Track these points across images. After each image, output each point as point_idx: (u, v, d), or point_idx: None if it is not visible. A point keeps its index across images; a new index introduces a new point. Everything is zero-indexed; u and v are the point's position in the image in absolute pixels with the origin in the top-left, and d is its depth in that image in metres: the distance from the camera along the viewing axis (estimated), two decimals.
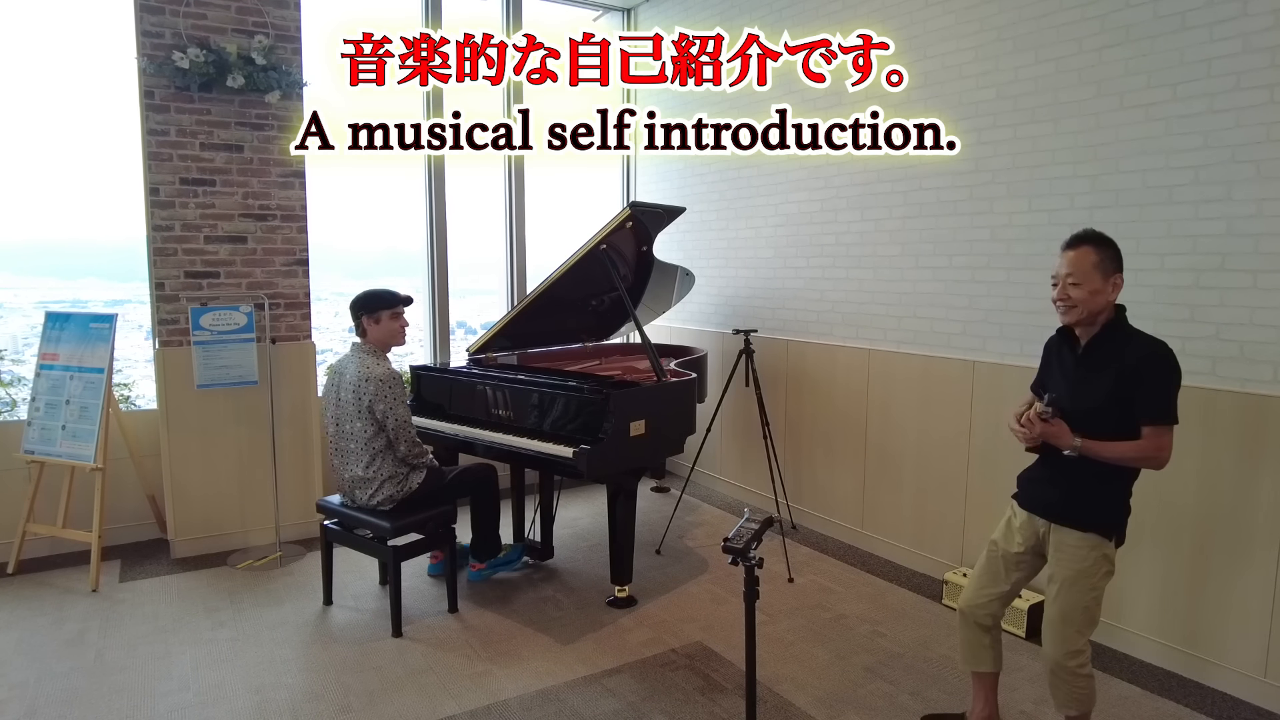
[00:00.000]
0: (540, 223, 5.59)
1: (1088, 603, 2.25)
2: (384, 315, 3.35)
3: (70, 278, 5.09)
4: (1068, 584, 2.26)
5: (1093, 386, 2.21)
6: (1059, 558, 2.29)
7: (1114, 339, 2.22)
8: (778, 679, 2.98)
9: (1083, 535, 2.24)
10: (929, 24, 3.76)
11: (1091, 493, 2.24)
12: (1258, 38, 2.69)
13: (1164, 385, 2.14)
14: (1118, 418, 2.17)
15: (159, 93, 3.94)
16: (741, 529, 2.13)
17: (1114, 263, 2.21)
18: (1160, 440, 2.14)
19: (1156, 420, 2.13)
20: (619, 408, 3.37)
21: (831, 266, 4.40)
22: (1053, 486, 2.31)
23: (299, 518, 4.43)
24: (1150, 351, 2.16)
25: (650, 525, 4.59)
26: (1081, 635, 2.26)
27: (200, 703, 2.81)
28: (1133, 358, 2.15)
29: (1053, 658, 2.28)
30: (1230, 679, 2.87)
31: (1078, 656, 2.26)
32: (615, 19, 5.83)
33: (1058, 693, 2.32)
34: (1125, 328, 2.24)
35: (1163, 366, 2.15)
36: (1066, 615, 2.26)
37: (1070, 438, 2.19)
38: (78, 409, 3.92)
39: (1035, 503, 2.37)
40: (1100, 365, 2.21)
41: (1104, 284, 2.19)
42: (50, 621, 3.44)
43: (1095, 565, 2.24)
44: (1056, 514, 2.30)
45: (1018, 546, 2.41)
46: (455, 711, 2.76)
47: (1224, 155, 2.80)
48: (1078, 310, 2.21)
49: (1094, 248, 2.20)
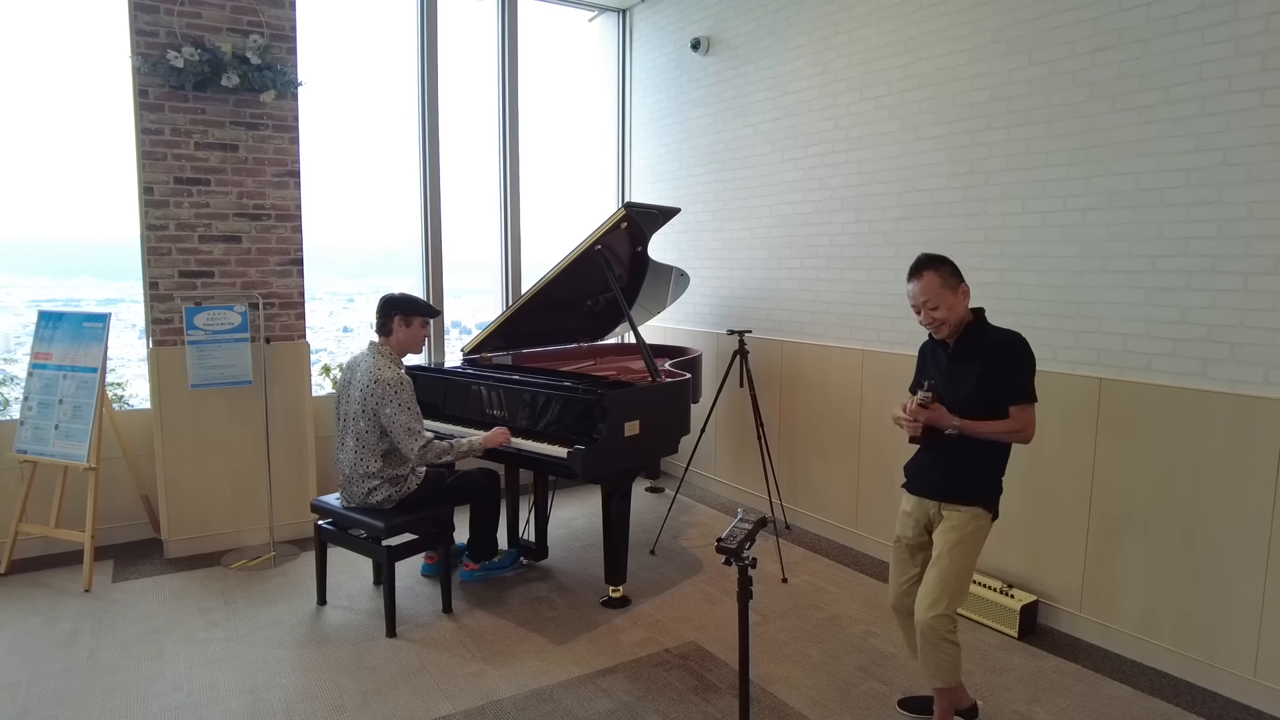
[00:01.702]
0: (535, 223, 5.59)
1: (962, 569, 2.45)
2: (416, 321, 3.43)
3: (64, 276, 5.06)
4: (947, 551, 2.46)
5: (964, 377, 2.48)
6: (943, 528, 2.51)
7: (976, 336, 2.50)
8: (771, 679, 2.99)
9: (968, 509, 2.48)
10: (924, 25, 3.77)
11: (972, 471, 2.49)
12: (1249, 41, 2.71)
13: (1022, 369, 2.43)
14: (986, 401, 2.44)
15: (153, 91, 3.93)
16: (735, 529, 2.13)
17: (955, 276, 2.48)
18: (1025, 417, 2.41)
19: (1019, 400, 2.42)
20: (614, 408, 3.38)
21: (826, 267, 4.41)
22: (937, 470, 2.55)
23: (293, 517, 4.42)
24: (1007, 342, 2.46)
25: (645, 525, 4.60)
26: (954, 602, 2.44)
27: (194, 703, 2.81)
28: (994, 349, 2.45)
29: (923, 620, 2.44)
30: (1221, 678, 2.89)
31: (947, 620, 2.43)
32: (610, 20, 5.84)
33: (926, 659, 2.47)
34: (984, 325, 2.53)
35: (1019, 353, 2.44)
36: (944, 580, 2.44)
37: (950, 418, 2.45)
38: (71, 408, 3.91)
39: (924, 486, 2.60)
40: (968, 359, 2.49)
41: (955, 297, 2.47)
42: (43, 622, 3.43)
43: (974, 534, 2.47)
44: (943, 493, 2.54)
45: (913, 531, 2.63)
46: (449, 711, 2.76)
47: (1215, 158, 2.81)
48: (946, 326, 2.50)
49: (933, 271, 2.47)
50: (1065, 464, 3.30)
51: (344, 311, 5.81)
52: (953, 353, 2.53)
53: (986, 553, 3.37)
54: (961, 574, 2.45)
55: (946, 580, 2.44)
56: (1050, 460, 3.33)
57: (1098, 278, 3.17)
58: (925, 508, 2.60)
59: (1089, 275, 3.19)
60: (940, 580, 2.44)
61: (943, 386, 2.52)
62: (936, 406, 2.46)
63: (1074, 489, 3.28)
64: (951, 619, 2.43)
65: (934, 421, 2.47)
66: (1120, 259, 3.10)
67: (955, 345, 2.52)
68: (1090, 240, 3.18)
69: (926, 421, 2.48)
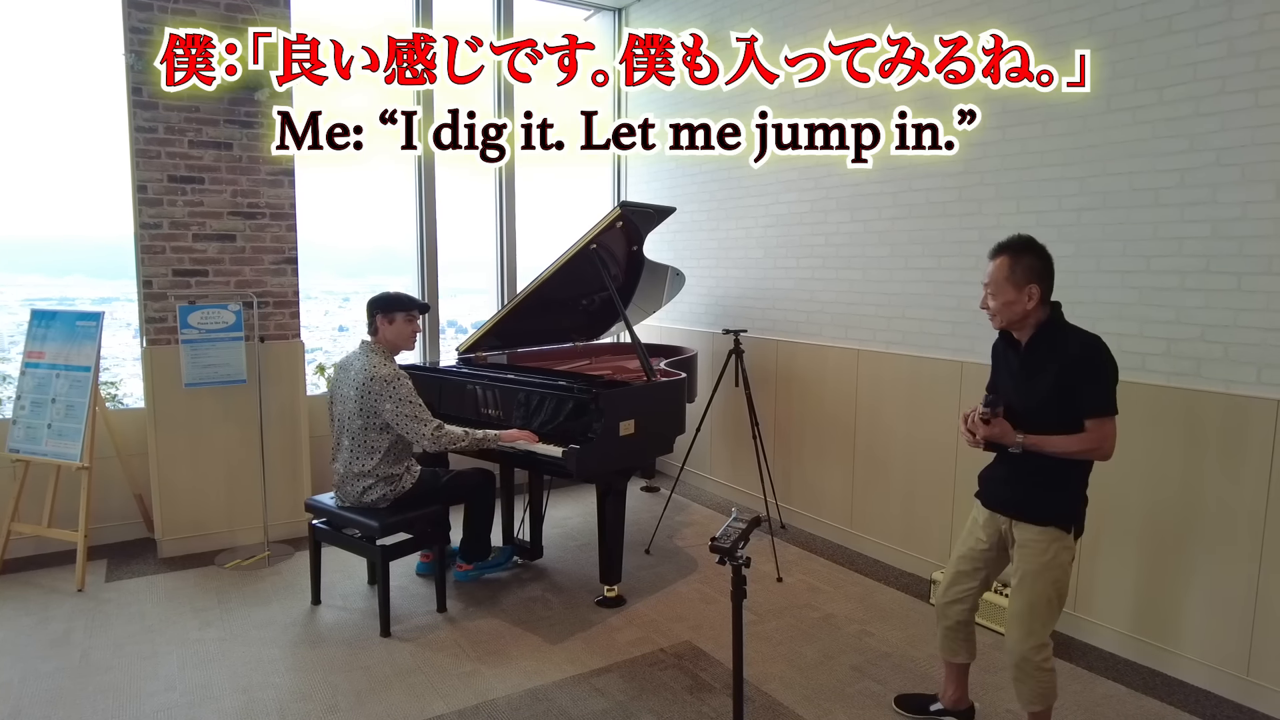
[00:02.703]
0: (531, 222, 5.58)
1: (1050, 595, 2.31)
2: (399, 317, 3.41)
3: (57, 275, 5.04)
4: (1030, 577, 2.32)
5: (1035, 384, 2.29)
6: (1021, 553, 2.36)
7: (1051, 338, 2.29)
8: (766, 678, 2.99)
9: (1041, 529, 2.31)
10: (918, 26, 3.77)
11: (1046, 488, 2.31)
12: (1242, 42, 2.71)
13: (1101, 378, 2.22)
14: (1060, 412, 2.25)
15: (146, 89, 3.92)
16: (729, 528, 2.13)
17: (1028, 273, 2.26)
18: (1102, 431, 2.22)
19: (1096, 413, 2.21)
20: (609, 407, 3.38)
21: (821, 267, 4.41)
22: (1008, 484, 2.39)
23: (287, 517, 4.41)
24: (1084, 347, 2.24)
25: (640, 525, 4.59)
26: (1045, 628, 2.32)
27: (187, 703, 2.80)
28: (1069, 354, 2.24)
29: (1018, 651, 2.33)
30: (1214, 677, 2.90)
31: (1042, 650, 2.32)
32: (606, 19, 5.83)
33: (1022, 688, 2.37)
34: (1062, 325, 2.31)
35: (1097, 360, 2.23)
36: (1032, 607, 2.31)
37: (1013, 435, 2.28)
38: (64, 407, 3.89)
39: (994, 500, 2.45)
40: (1041, 363, 2.29)
41: (1017, 295, 2.27)
42: (35, 621, 3.41)
43: (1055, 557, 2.30)
44: (1014, 510, 2.38)
45: (983, 543, 2.49)
46: (443, 711, 2.76)
47: (1209, 158, 2.82)
48: (997, 318, 2.34)
49: (1009, 258, 2.29)
50: None
51: (339, 311, 5.79)
52: (1024, 357, 2.34)
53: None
54: (1051, 600, 2.31)
55: (1035, 607, 2.30)
56: None
57: (1092, 277, 3.17)
58: (997, 522, 2.45)
59: (1084, 275, 3.20)
60: (1029, 610, 2.31)
61: (1012, 392, 2.36)
62: (1000, 421, 2.29)
63: None
64: (1046, 646, 2.33)
65: (997, 439, 2.31)
66: (1115, 259, 3.11)
67: (1026, 348, 2.33)
68: (1085, 240, 3.19)
69: (987, 437, 2.32)
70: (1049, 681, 2.34)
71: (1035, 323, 2.31)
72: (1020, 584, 2.34)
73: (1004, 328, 2.38)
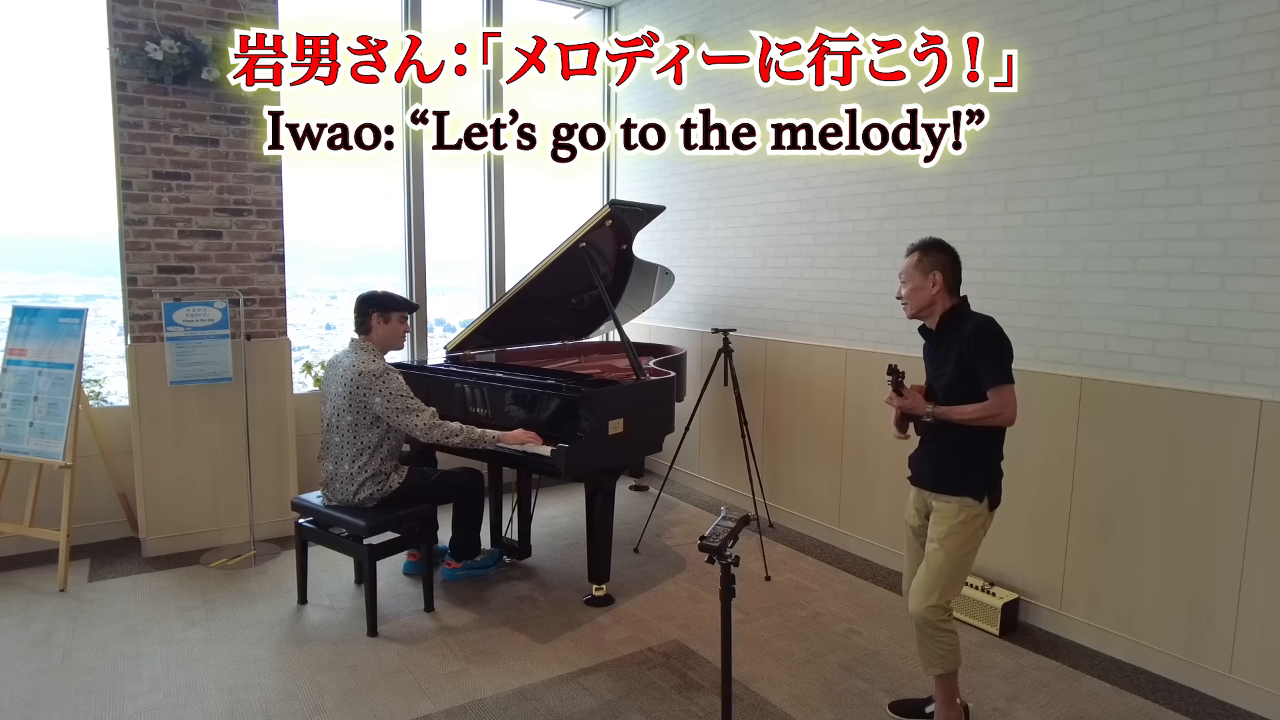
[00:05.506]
0: (520, 220, 5.57)
1: (956, 559, 2.47)
2: (394, 316, 3.43)
3: (40, 272, 4.99)
4: (939, 540, 2.48)
5: (944, 366, 2.52)
6: (934, 519, 2.55)
7: (955, 323, 2.52)
8: (754, 677, 2.99)
9: (954, 498, 2.49)
10: (909, 26, 3.78)
11: (958, 461, 2.50)
12: (1227, 45, 2.74)
13: (994, 352, 2.42)
14: (965, 386, 2.45)
15: (131, 84, 3.88)
16: (718, 527, 2.13)
17: (933, 263, 2.51)
18: (1001, 398, 2.39)
19: (993, 382, 2.40)
20: (598, 406, 3.37)
21: (810, 266, 4.42)
22: (928, 461, 2.59)
23: (273, 516, 4.38)
24: (977, 327, 2.45)
25: (628, 524, 4.59)
26: (947, 592, 2.46)
27: (171, 704, 2.77)
28: (965, 334, 2.46)
29: (916, 611, 2.47)
30: (1198, 675, 2.92)
31: (939, 611, 2.45)
32: (596, 17, 5.82)
33: (923, 650, 2.50)
34: (965, 312, 2.54)
35: (989, 336, 2.44)
36: (936, 570, 2.46)
37: (924, 405, 2.49)
38: (46, 405, 3.85)
39: (919, 477, 2.64)
40: (948, 346, 2.51)
41: (923, 281, 2.51)
42: (16, 622, 3.37)
43: (964, 524, 2.47)
44: (932, 484, 2.57)
45: (916, 521, 2.68)
46: (431, 711, 2.74)
47: (1194, 160, 2.84)
48: (909, 306, 2.57)
49: (920, 253, 2.54)
50: (1046, 463, 3.33)
51: (326, 308, 5.76)
52: (935, 340, 2.58)
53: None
54: (955, 565, 2.46)
55: (938, 572, 2.45)
56: (1031, 459, 3.35)
57: (1079, 278, 3.20)
58: (923, 497, 2.63)
59: (1070, 275, 3.22)
60: (932, 572, 2.47)
61: (930, 375, 2.59)
62: (910, 392, 2.49)
63: (1055, 488, 3.31)
64: (944, 609, 2.46)
65: (910, 409, 2.51)
66: (1101, 259, 3.13)
67: (936, 333, 2.56)
68: (1072, 241, 3.21)
69: (900, 408, 2.53)
70: (950, 643, 2.47)
71: (942, 311, 2.53)
72: (930, 549, 2.50)
73: (914, 316, 2.58)
